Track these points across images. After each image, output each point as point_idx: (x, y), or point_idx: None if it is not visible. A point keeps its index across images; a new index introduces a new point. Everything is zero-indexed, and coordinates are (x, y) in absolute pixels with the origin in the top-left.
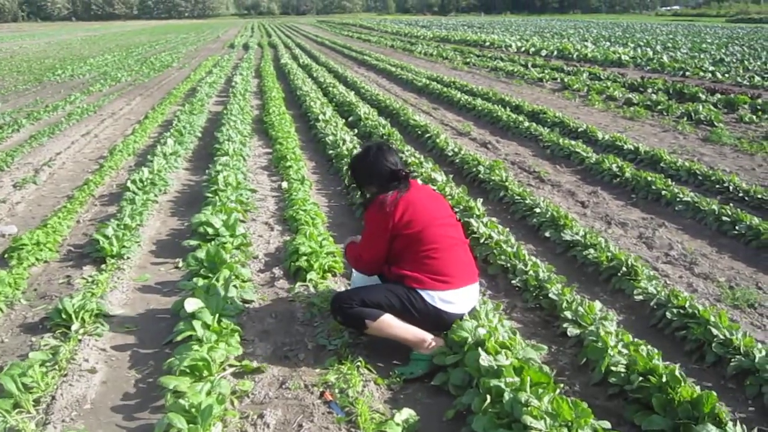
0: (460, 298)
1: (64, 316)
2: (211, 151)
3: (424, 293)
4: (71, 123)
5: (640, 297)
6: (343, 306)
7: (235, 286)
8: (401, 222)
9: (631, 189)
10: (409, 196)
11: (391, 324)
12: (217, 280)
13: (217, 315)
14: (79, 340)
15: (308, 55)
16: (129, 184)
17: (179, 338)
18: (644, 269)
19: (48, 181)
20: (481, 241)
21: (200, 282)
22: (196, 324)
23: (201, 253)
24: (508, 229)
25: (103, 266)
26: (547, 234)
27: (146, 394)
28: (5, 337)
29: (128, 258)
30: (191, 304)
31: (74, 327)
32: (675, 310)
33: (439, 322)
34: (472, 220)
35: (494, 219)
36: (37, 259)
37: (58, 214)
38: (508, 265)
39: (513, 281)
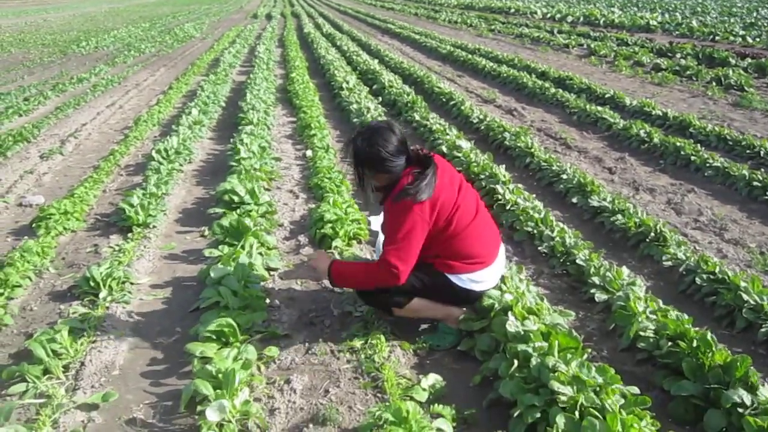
0: (490, 275)
1: (92, 284)
2: (235, 120)
3: (454, 277)
4: (96, 94)
5: (669, 263)
6: (369, 293)
7: (260, 253)
8: (434, 215)
9: (660, 155)
10: (437, 187)
11: (418, 308)
12: (242, 247)
13: (242, 282)
14: (107, 308)
15: (331, 24)
16: (154, 153)
17: (205, 305)
18: (673, 235)
19: (74, 151)
20: (507, 207)
21: (225, 250)
22: (222, 290)
23: (226, 221)
24: (534, 195)
25: (129, 235)
26: (574, 200)
27: (173, 360)
28: (34, 305)
29: (154, 227)
30: (217, 271)
31: (102, 295)
32: (705, 276)
33: (468, 299)
34: (497, 187)
35: (520, 186)
36: (64, 228)
37: (84, 184)
38: (535, 231)
39: (540, 247)
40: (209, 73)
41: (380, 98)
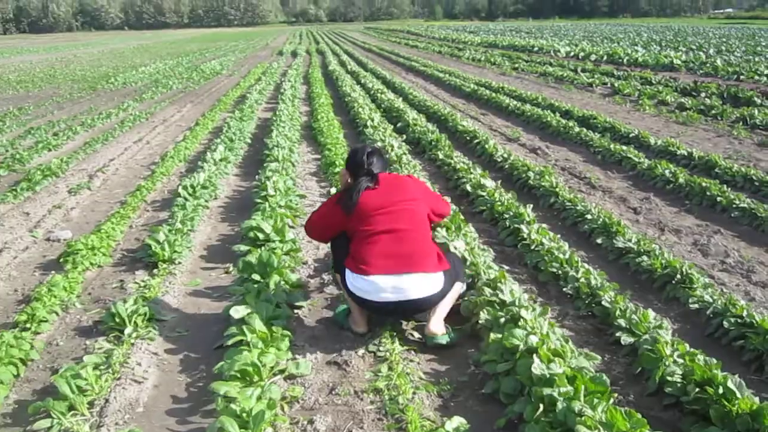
0: (374, 287)
1: (117, 320)
2: (260, 157)
3: (348, 273)
4: (124, 130)
5: (696, 305)
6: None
7: (285, 291)
8: (352, 218)
9: (685, 195)
10: (366, 193)
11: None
12: (267, 285)
13: (266, 320)
14: (132, 344)
15: (356, 61)
16: (180, 189)
17: (230, 343)
18: (700, 277)
19: (102, 186)
20: (532, 247)
21: (251, 287)
22: (246, 329)
23: (251, 258)
24: (558, 235)
25: (155, 271)
26: (598, 241)
27: (197, 399)
28: (60, 340)
29: (179, 263)
30: (240, 310)
31: (127, 331)
32: (732, 319)
33: (364, 306)
34: (522, 227)
35: (545, 225)
36: (91, 264)
37: (111, 219)
38: (560, 272)
39: (565, 288)
40: (235, 110)
41: (404, 136)
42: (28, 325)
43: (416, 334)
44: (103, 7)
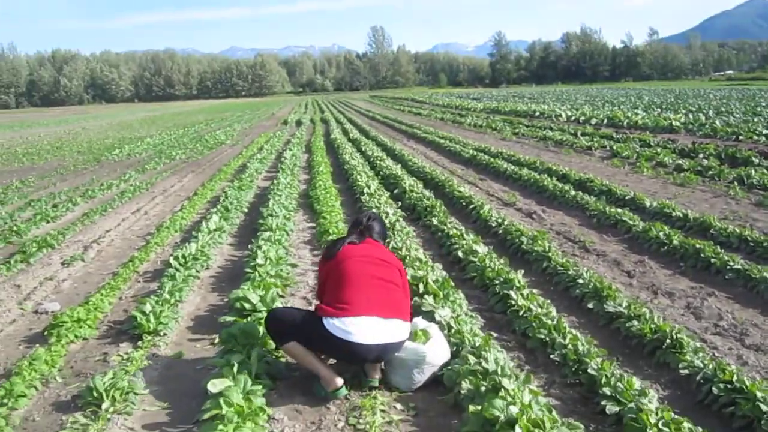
0: (359, 328)
1: (95, 395)
2: (255, 226)
3: (325, 320)
4: (123, 201)
5: (686, 371)
6: (268, 322)
7: (267, 362)
8: (334, 261)
9: (680, 257)
10: (350, 246)
11: (295, 353)
12: (249, 357)
13: (245, 393)
14: (108, 419)
15: (358, 129)
16: (171, 260)
17: (205, 417)
18: (690, 341)
19: (96, 258)
20: (520, 314)
21: (232, 359)
22: (223, 402)
23: (234, 329)
24: (548, 301)
25: (139, 343)
26: (590, 305)
27: None
28: (37, 415)
29: (165, 334)
30: (216, 384)
31: (104, 405)
32: (721, 385)
33: (344, 351)
34: (511, 292)
35: (535, 291)
36: (76, 336)
37: (101, 291)
38: (548, 339)
39: (552, 355)
40: (234, 179)
41: (400, 202)
42: (5, 401)
43: (399, 406)
44: (113, 80)
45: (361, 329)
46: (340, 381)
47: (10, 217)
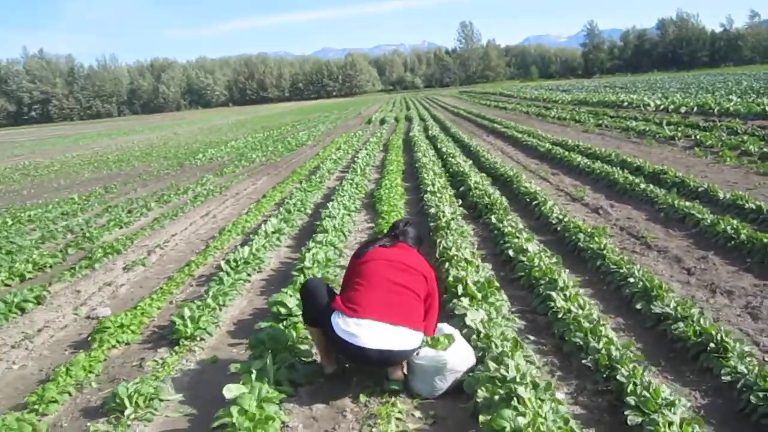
0: (362, 330)
1: (117, 401)
2: (315, 227)
3: (333, 318)
4: (196, 205)
5: (728, 377)
6: (301, 290)
7: (291, 367)
8: (360, 261)
9: (747, 252)
10: (380, 248)
11: (311, 335)
12: (275, 362)
13: (259, 400)
14: (128, 426)
15: (440, 126)
16: (223, 264)
17: (215, 425)
18: (737, 345)
19: (156, 262)
20: (560, 316)
21: (253, 365)
22: (235, 410)
23: (263, 335)
24: (593, 301)
25: (176, 348)
26: (638, 306)
27: None
28: (65, 421)
29: (202, 339)
30: (232, 390)
31: (127, 412)
32: (761, 394)
33: (346, 351)
34: (552, 293)
35: (586, 290)
36: (117, 341)
37: (152, 295)
38: (583, 343)
39: (584, 360)
40: (304, 181)
41: (461, 200)
42: (36, 406)
43: (417, 414)
44: (209, 85)
45: (365, 332)
46: (330, 369)
47: (86, 223)
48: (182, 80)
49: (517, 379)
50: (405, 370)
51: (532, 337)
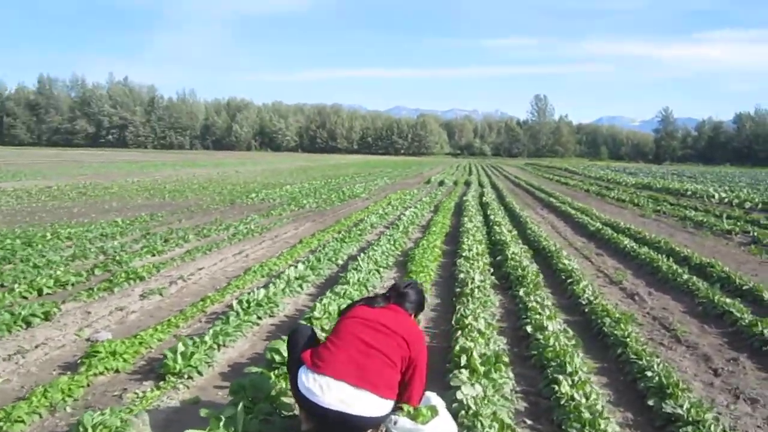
0: (320, 387)
1: (81, 430)
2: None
3: (301, 369)
4: (233, 242)
5: None
6: (288, 336)
7: (265, 419)
8: (342, 317)
9: None
10: (364, 306)
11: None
12: (253, 412)
13: None
14: None
15: (496, 193)
16: (235, 303)
17: None
18: None
19: (175, 294)
20: (562, 402)
21: (224, 412)
22: None
23: (244, 381)
24: (607, 391)
25: (161, 383)
26: (650, 402)
27: None
28: None
29: (189, 378)
30: None
31: None
32: None
33: (304, 406)
34: (560, 377)
35: (596, 378)
36: (106, 368)
37: (156, 326)
38: None
39: None
40: (343, 231)
41: (498, 270)
42: (0, 423)
43: None
44: (280, 129)
45: (323, 390)
46: (306, 426)
47: (121, 247)
48: (255, 121)
49: None
50: None
51: (528, 422)
